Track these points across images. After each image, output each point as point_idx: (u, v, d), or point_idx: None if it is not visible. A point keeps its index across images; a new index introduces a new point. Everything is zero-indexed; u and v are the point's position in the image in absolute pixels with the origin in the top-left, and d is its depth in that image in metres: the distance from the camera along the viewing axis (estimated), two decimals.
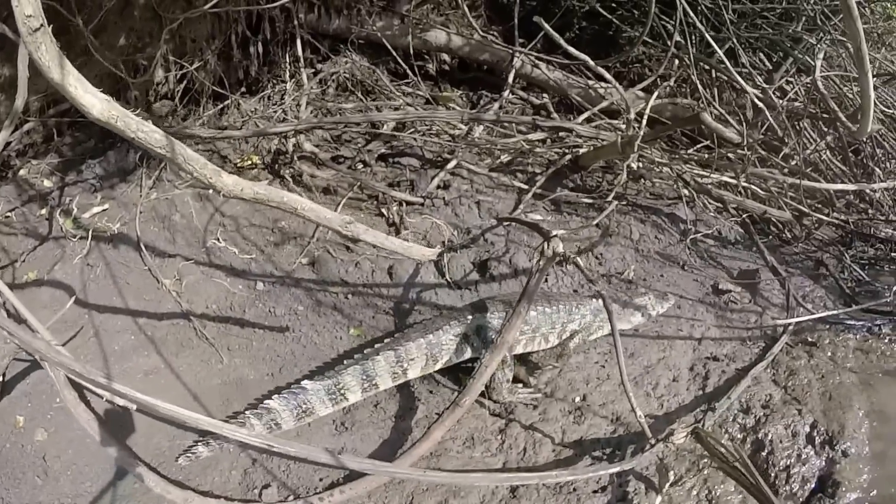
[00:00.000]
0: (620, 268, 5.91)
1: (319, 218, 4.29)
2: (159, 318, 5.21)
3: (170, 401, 4.28)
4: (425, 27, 6.75)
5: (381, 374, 4.39)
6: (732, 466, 3.99)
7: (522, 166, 6.62)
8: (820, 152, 7.66)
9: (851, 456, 4.83)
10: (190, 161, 3.71)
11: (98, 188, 5.99)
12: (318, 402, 4.28)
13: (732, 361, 5.37)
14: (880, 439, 5.05)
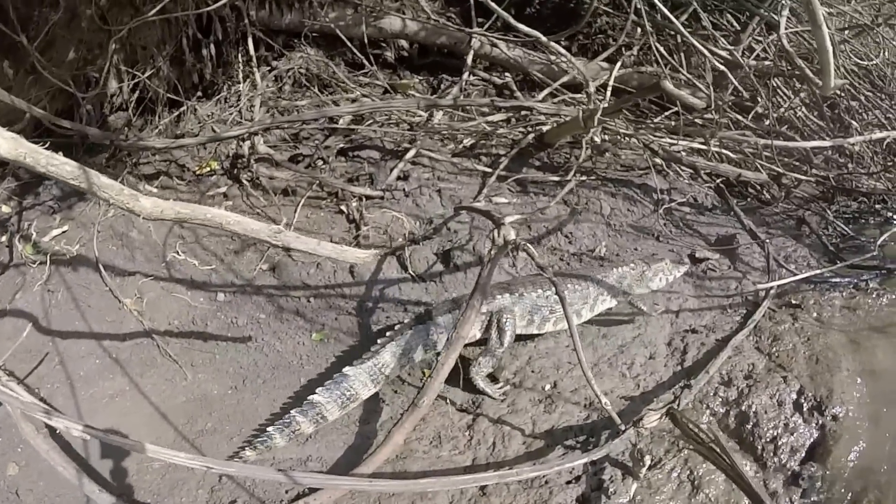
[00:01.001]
0: (591, 245, 5.58)
1: (247, 230, 4.09)
2: (122, 339, 4.96)
3: (136, 422, 4.28)
4: (379, 14, 6.43)
5: (416, 349, 4.40)
6: (707, 447, 3.65)
7: (486, 149, 6.29)
8: (794, 109, 7.28)
9: (842, 420, 4.50)
10: (105, 189, 3.61)
11: (56, 209, 5.71)
12: (361, 385, 4.26)
13: (712, 332, 5.05)
14: (872, 400, 4.72)
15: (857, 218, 7.21)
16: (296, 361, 4.92)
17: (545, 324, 4.60)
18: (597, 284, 4.70)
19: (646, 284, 4.95)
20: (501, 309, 4.42)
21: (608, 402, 3.79)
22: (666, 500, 3.93)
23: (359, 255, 4.34)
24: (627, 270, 4.86)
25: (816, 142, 6.11)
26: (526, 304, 4.49)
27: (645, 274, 4.92)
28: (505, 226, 3.96)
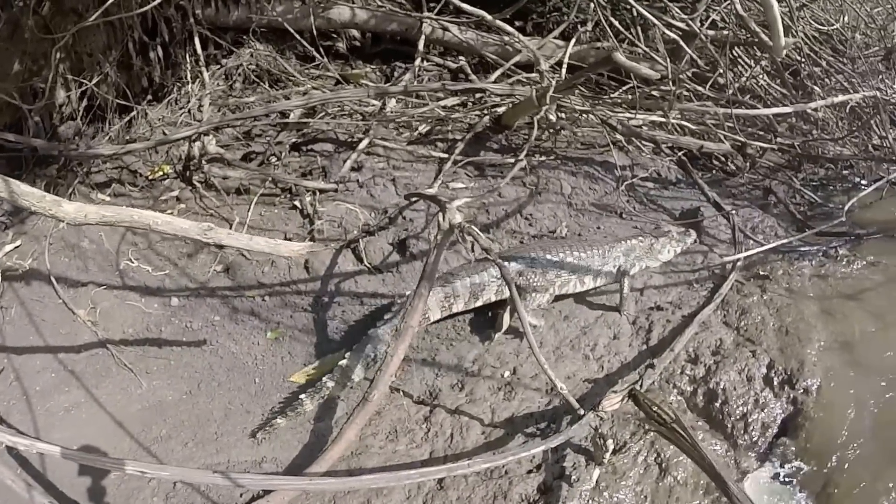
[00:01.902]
0: (552, 225, 5.35)
1: (176, 230, 3.88)
2: (77, 350, 4.75)
3: (92, 433, 4.09)
4: (328, 5, 6.15)
5: (433, 308, 4.40)
6: (670, 428, 3.40)
7: (442, 135, 6.03)
8: (756, 78, 7.03)
9: (815, 393, 4.28)
10: (26, 196, 3.51)
11: (9, 224, 5.46)
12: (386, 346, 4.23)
13: (679, 308, 4.82)
14: (845, 370, 4.49)
15: (824, 185, 7.00)
16: (251, 362, 4.72)
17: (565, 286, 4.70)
18: (603, 255, 4.70)
19: (655, 257, 4.92)
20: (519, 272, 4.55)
21: (564, 387, 3.59)
22: (632, 484, 3.70)
23: (293, 249, 4.08)
24: (636, 243, 4.82)
25: (777, 108, 5.89)
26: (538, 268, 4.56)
27: (654, 246, 4.88)
28: (450, 209, 3.70)
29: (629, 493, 3.67)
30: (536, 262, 4.51)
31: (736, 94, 6.55)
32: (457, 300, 4.48)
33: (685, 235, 5.07)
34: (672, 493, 3.71)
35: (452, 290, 4.43)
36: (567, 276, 4.60)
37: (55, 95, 5.89)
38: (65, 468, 3.94)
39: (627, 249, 4.76)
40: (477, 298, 4.52)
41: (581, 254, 4.61)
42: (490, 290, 4.50)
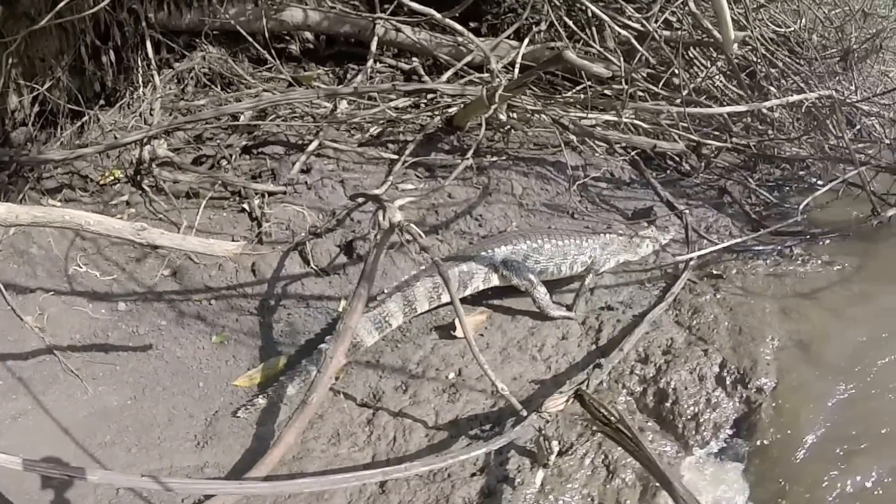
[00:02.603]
0: (503, 226, 5.18)
1: (109, 230, 3.73)
2: (25, 357, 4.55)
3: (37, 440, 3.91)
4: (280, 7, 5.93)
5: (420, 299, 4.33)
6: (614, 428, 3.24)
7: (394, 136, 5.85)
8: (712, 79, 6.93)
9: (768, 391, 4.15)
10: None
11: None
12: (366, 332, 4.19)
13: (629, 308, 4.69)
14: (800, 368, 4.37)
15: (780, 185, 6.91)
16: (195, 366, 4.54)
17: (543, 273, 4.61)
18: (579, 245, 4.68)
19: (633, 251, 4.92)
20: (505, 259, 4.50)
21: (505, 388, 3.43)
22: (579, 487, 3.54)
23: (227, 248, 3.91)
24: (615, 237, 4.81)
25: (731, 107, 5.73)
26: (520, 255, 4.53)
27: (633, 240, 4.87)
28: (390, 208, 3.54)
29: (575, 496, 3.51)
30: (518, 251, 4.50)
31: (691, 94, 6.45)
32: (444, 289, 4.31)
33: (664, 232, 5.03)
34: (620, 495, 3.55)
35: (440, 279, 4.28)
36: (544, 264, 4.57)
37: (7, 101, 5.69)
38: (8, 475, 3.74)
39: (605, 242, 4.74)
40: (465, 287, 4.44)
41: (559, 242, 4.59)
42: (478, 279, 4.45)
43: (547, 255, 4.54)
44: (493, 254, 4.44)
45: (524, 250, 4.49)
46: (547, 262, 4.56)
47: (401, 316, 4.33)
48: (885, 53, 8.78)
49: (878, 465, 3.76)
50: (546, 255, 4.53)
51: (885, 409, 4.09)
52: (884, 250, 5.82)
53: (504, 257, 4.45)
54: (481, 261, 4.42)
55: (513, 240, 4.53)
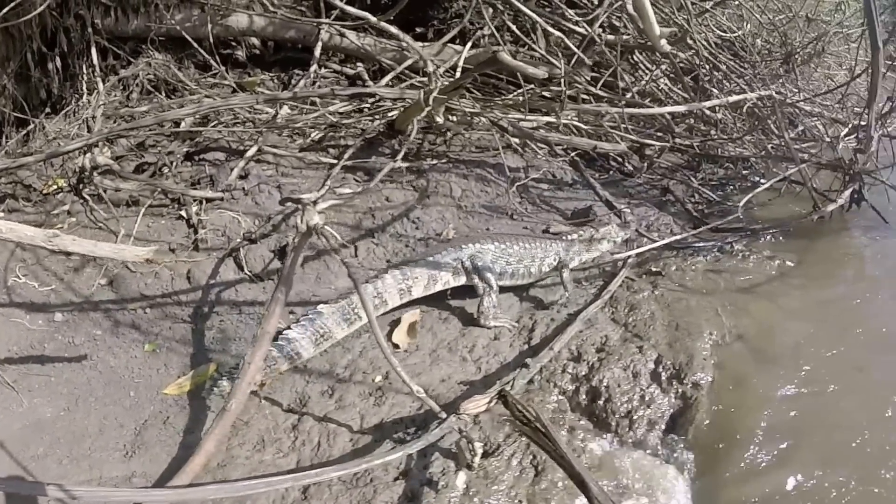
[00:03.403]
0: (439, 228, 4.97)
1: (21, 237, 3.56)
2: None
3: None
4: (226, 13, 5.68)
5: (390, 292, 4.16)
6: (533, 428, 3.01)
7: (335, 140, 5.61)
8: (656, 82, 6.78)
9: (704, 387, 3.97)
10: None
11: None
12: (335, 324, 4.01)
13: (564, 307, 4.47)
14: (737, 362, 4.20)
15: (724, 184, 6.78)
16: (127, 376, 4.28)
17: (504, 276, 4.44)
18: (545, 247, 4.55)
19: (595, 249, 4.79)
20: (471, 255, 4.34)
21: (420, 390, 3.23)
22: (506, 489, 3.32)
23: (137, 254, 3.75)
24: (576, 237, 4.70)
25: (669, 107, 5.59)
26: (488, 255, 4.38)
27: (594, 237, 4.74)
28: (308, 210, 3.32)
29: (502, 498, 3.29)
30: (485, 251, 4.36)
31: (634, 96, 6.30)
32: (416, 283, 4.25)
33: (624, 227, 4.93)
34: (548, 497, 3.32)
35: (410, 273, 4.21)
36: (515, 266, 4.46)
37: None
38: None
39: (568, 243, 4.64)
40: (435, 282, 4.32)
41: (526, 245, 4.48)
42: (446, 275, 4.32)
43: (516, 257, 4.42)
44: (461, 253, 4.32)
45: (493, 251, 4.37)
46: (517, 264, 4.44)
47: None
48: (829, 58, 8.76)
49: (817, 459, 3.60)
50: (516, 257, 4.42)
51: (823, 401, 3.94)
52: (823, 245, 5.72)
53: (472, 256, 4.33)
54: (449, 258, 4.30)
55: (482, 241, 4.42)
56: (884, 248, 5.75)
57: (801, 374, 4.10)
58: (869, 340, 4.40)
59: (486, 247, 4.37)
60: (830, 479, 3.48)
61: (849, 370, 4.10)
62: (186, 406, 4.02)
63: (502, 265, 4.41)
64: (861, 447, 3.64)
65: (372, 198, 5.05)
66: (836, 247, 5.80)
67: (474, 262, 4.32)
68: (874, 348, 4.31)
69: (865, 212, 6.25)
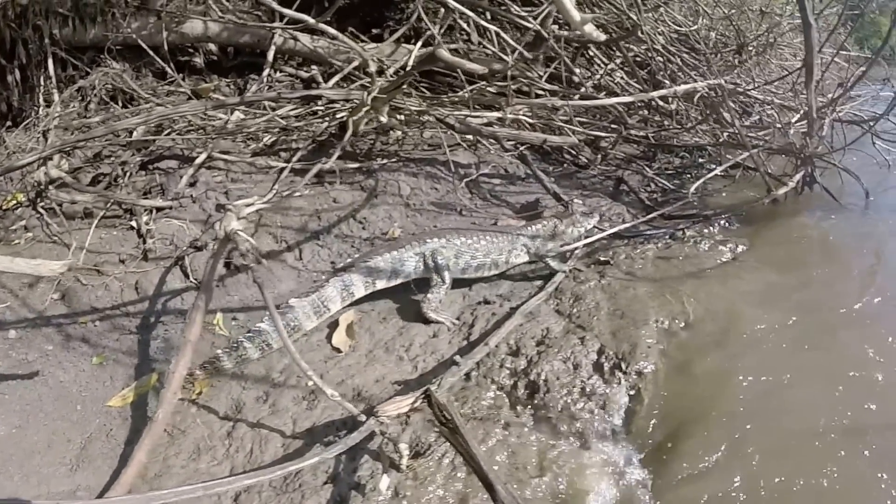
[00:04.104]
0: (386, 227, 4.75)
1: None
2: None
3: None
4: (181, 20, 5.46)
5: (356, 284, 4.10)
6: (451, 430, 2.78)
7: (287, 144, 5.38)
8: (611, 75, 6.55)
9: (648, 375, 3.72)
10: None
11: None
12: (305, 317, 3.95)
13: (507, 301, 4.26)
14: (683, 349, 3.95)
15: (679, 173, 6.56)
16: (76, 390, 4.08)
17: (468, 269, 4.34)
18: (511, 239, 4.43)
19: (562, 237, 4.63)
20: (433, 250, 4.20)
21: (336, 393, 3.01)
22: (436, 489, 3.10)
23: (52, 268, 3.57)
24: (540, 227, 4.55)
25: (616, 98, 5.32)
26: (452, 248, 4.24)
27: (558, 227, 4.59)
28: (227, 216, 3.11)
29: (433, 499, 3.06)
30: (451, 243, 4.24)
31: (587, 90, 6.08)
32: (379, 276, 4.16)
33: (590, 217, 4.79)
34: (480, 495, 3.07)
35: (374, 265, 4.10)
36: (482, 259, 4.35)
37: None
38: None
39: (534, 233, 4.50)
40: (397, 275, 4.21)
41: (493, 238, 4.37)
42: (409, 267, 4.19)
43: (483, 251, 4.31)
44: (425, 246, 4.20)
45: (458, 245, 4.24)
46: (483, 257, 4.33)
47: (339, 301, 4.11)
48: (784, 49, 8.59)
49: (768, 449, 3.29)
50: (482, 251, 4.30)
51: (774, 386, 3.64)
52: (776, 228, 5.51)
53: (435, 251, 4.20)
54: (413, 251, 4.19)
55: (447, 234, 4.29)
56: (837, 230, 5.53)
57: (751, 359, 3.82)
58: (822, 322, 4.13)
59: (452, 241, 4.24)
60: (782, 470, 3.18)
61: (801, 353, 3.83)
62: (129, 417, 3.83)
63: (467, 259, 4.27)
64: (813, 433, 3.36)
65: (319, 199, 4.84)
66: (790, 230, 5.56)
67: (436, 257, 4.19)
68: (827, 330, 4.06)
69: (820, 195, 6.04)
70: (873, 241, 5.32)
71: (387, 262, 4.14)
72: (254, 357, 3.84)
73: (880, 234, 5.45)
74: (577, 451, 3.44)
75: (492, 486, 2.50)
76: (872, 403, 3.42)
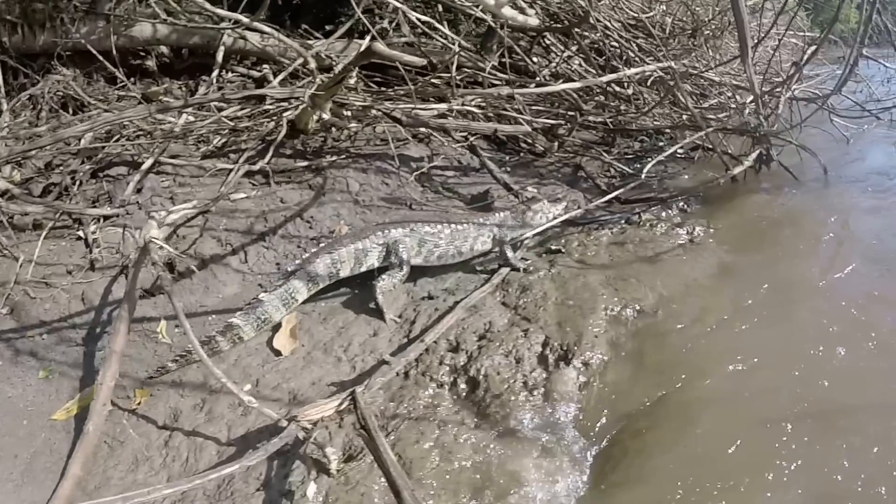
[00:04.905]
0: (333, 225, 4.60)
1: None
2: None
3: None
4: (130, 23, 5.29)
5: (321, 274, 4.04)
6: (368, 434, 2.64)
7: (237, 145, 5.21)
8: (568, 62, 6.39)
9: (594, 366, 3.53)
10: None
11: None
12: (274, 309, 3.91)
13: (452, 295, 4.11)
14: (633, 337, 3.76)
15: (640, 157, 6.39)
16: (23, 404, 3.93)
17: (431, 256, 4.27)
18: (477, 226, 4.34)
19: (529, 224, 4.51)
20: (397, 239, 4.14)
21: (253, 399, 2.85)
22: (367, 492, 2.92)
23: None
24: (508, 214, 4.46)
25: (566, 84, 5.16)
26: (416, 237, 4.18)
27: (526, 214, 4.47)
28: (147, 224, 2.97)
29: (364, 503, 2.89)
30: (415, 232, 4.18)
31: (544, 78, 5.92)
32: (343, 265, 4.08)
33: (556, 203, 4.67)
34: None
35: (338, 256, 4.04)
36: (445, 248, 4.26)
37: None
38: None
39: (501, 220, 4.41)
40: (361, 264, 4.14)
41: (458, 226, 4.27)
42: (372, 256, 4.14)
43: (447, 238, 4.22)
44: (388, 234, 4.14)
45: (422, 234, 4.18)
46: (448, 245, 4.25)
47: (305, 291, 4.04)
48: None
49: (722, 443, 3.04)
50: (446, 238, 4.22)
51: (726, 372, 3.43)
52: (734, 208, 5.37)
53: (397, 240, 4.13)
54: (377, 240, 4.13)
55: (411, 223, 4.22)
56: (796, 206, 5.37)
57: (706, 344, 3.62)
58: (781, 302, 3.92)
59: (416, 230, 4.18)
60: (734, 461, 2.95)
61: (758, 336, 3.59)
62: (72, 430, 3.68)
63: (430, 247, 4.21)
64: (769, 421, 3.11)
65: (266, 200, 4.68)
66: (749, 209, 5.40)
67: (398, 246, 4.12)
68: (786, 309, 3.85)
69: (780, 174, 5.89)
70: (832, 216, 5.15)
71: (350, 252, 4.07)
72: (225, 349, 3.82)
73: (838, 209, 5.28)
74: (517, 448, 3.26)
75: (398, 493, 2.36)
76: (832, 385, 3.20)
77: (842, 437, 2.98)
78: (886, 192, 5.58)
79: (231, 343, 3.81)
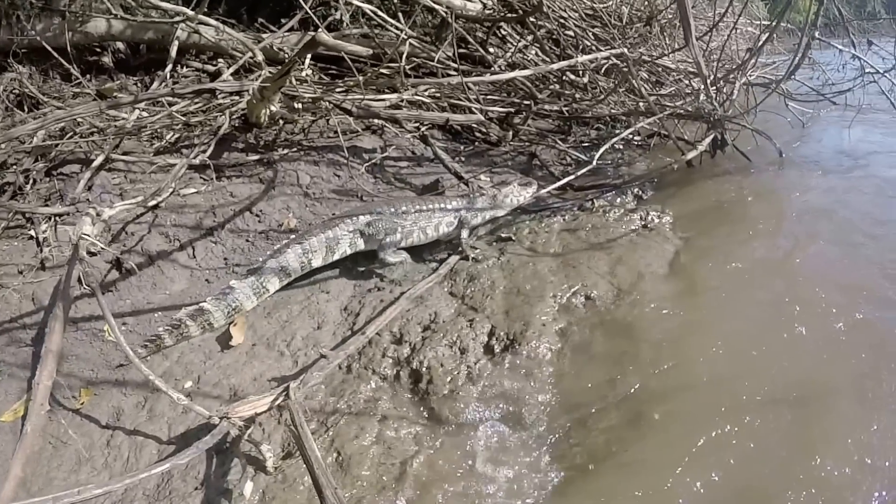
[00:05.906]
0: (282, 219, 4.49)
1: None
2: None
3: None
4: (85, 19, 5.15)
5: (293, 265, 4.03)
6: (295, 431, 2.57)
7: (190, 140, 5.08)
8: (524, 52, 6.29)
9: (541, 356, 3.45)
10: None
11: None
12: (245, 297, 3.90)
13: (399, 286, 4.01)
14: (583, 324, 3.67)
15: (596, 145, 6.26)
16: None
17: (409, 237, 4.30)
18: (444, 208, 4.34)
19: (498, 207, 4.56)
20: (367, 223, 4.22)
21: (182, 397, 2.82)
22: (306, 490, 2.85)
23: None
24: (478, 195, 4.49)
25: (516, 72, 5.06)
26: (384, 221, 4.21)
27: (496, 197, 4.49)
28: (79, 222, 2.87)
29: (301, 502, 2.82)
30: (383, 214, 4.18)
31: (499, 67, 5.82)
32: (314, 255, 4.09)
33: (527, 186, 4.65)
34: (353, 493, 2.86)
35: (309, 246, 4.04)
36: (409, 228, 4.26)
37: None
38: None
39: (469, 203, 4.40)
40: (333, 252, 4.15)
41: (424, 206, 4.26)
42: (344, 244, 4.15)
43: (412, 220, 4.21)
44: (357, 220, 4.15)
45: (388, 216, 4.16)
46: (412, 226, 4.23)
47: (277, 282, 4.05)
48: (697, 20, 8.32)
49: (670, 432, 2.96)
50: (411, 220, 4.20)
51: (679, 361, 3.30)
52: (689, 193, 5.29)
53: (368, 222, 4.14)
54: (347, 228, 4.14)
55: (377, 207, 4.21)
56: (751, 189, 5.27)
57: (657, 332, 3.50)
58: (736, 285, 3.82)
59: (384, 213, 4.18)
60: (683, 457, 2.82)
61: (711, 322, 3.50)
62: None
63: (398, 229, 4.21)
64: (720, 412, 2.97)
65: (216, 195, 4.58)
66: (704, 193, 5.32)
67: (370, 229, 4.15)
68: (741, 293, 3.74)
69: (736, 158, 5.82)
70: (788, 198, 5.10)
71: (321, 242, 4.07)
72: (195, 334, 3.79)
73: (794, 190, 5.22)
74: (459, 441, 3.19)
75: (321, 492, 2.29)
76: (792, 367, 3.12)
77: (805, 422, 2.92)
78: (842, 172, 5.54)
79: (201, 328, 3.79)
